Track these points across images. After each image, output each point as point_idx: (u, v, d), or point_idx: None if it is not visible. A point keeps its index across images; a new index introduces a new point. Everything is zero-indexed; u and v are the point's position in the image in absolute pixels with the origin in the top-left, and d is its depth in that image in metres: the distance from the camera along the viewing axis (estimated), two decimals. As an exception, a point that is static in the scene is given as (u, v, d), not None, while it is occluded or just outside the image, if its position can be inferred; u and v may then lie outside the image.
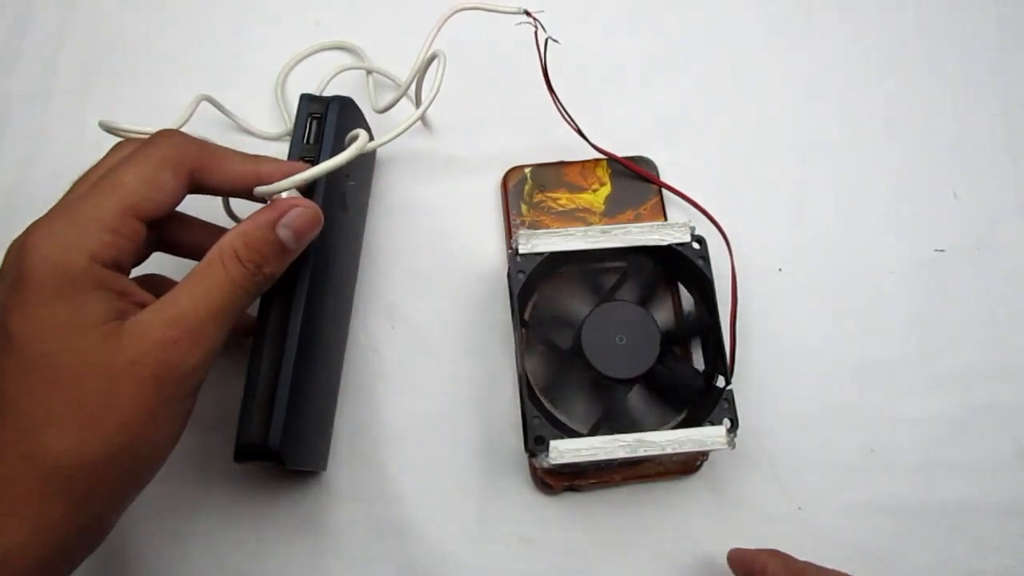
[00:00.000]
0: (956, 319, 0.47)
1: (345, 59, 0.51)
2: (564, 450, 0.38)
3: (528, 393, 0.40)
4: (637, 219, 0.47)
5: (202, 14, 0.52)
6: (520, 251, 0.42)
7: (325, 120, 0.40)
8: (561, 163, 0.48)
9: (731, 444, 0.39)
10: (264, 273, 0.34)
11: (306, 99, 0.40)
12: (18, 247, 0.31)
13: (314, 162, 0.39)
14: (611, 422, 0.41)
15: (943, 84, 0.52)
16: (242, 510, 0.42)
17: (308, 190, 0.37)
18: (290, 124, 0.48)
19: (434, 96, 0.40)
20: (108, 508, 0.32)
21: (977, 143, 0.50)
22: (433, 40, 0.40)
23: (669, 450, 0.38)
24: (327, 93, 0.42)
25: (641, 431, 0.39)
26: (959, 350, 0.46)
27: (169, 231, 0.37)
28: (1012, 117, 0.51)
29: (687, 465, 0.42)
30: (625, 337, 0.41)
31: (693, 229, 0.43)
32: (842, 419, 0.44)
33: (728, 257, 0.45)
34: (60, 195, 0.34)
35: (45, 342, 0.30)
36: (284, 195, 0.35)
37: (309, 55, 0.51)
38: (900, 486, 0.44)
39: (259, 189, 0.35)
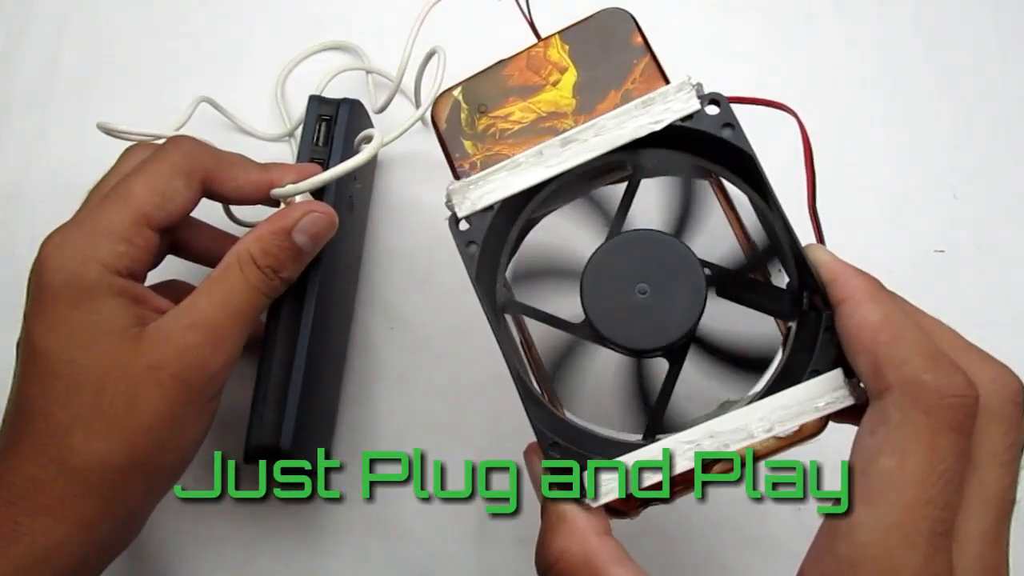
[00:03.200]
0: (956, 319, 0.47)
1: (345, 59, 0.51)
2: (610, 480, 0.27)
3: (528, 399, 0.29)
4: (626, 99, 0.33)
5: (201, 15, 0.52)
6: (460, 214, 0.31)
7: (335, 122, 0.40)
8: (497, 64, 0.35)
9: (856, 395, 0.28)
10: (281, 277, 0.34)
11: (315, 101, 0.40)
12: (36, 261, 0.32)
13: (324, 163, 0.39)
14: (657, 406, 0.30)
15: (942, 84, 0.51)
16: (242, 510, 0.42)
17: (318, 192, 0.37)
18: (290, 125, 0.48)
19: (436, 91, 0.40)
20: (137, 507, 0.33)
21: (977, 143, 0.50)
22: (419, 29, 0.40)
23: (760, 436, 0.27)
24: (327, 94, 0.42)
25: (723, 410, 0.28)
26: (959, 350, 0.46)
27: (180, 235, 0.38)
28: (1012, 117, 0.51)
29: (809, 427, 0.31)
30: (650, 285, 0.29)
31: (699, 87, 0.30)
32: (842, 419, 0.44)
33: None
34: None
35: (66, 349, 0.30)
36: (298, 199, 0.35)
37: (309, 56, 0.51)
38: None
39: (276, 191, 0.36)
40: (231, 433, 0.41)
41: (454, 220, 0.31)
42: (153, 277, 0.36)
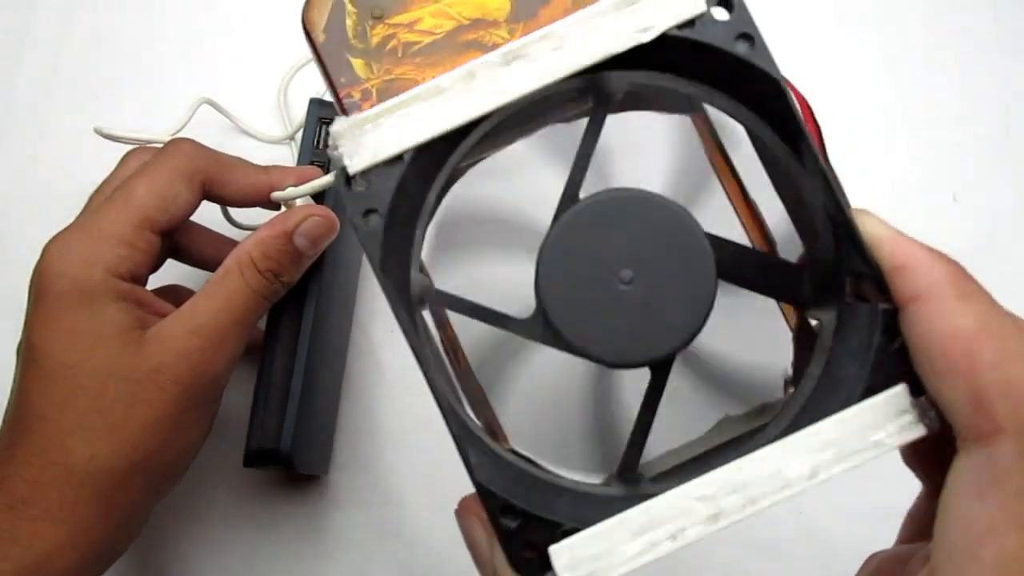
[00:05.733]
0: (956, 322, 0.47)
1: (345, 62, 0.51)
2: (582, 558, 0.20)
3: (464, 438, 0.22)
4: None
5: (202, 17, 0.52)
6: (352, 168, 0.22)
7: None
8: None
9: (928, 423, 0.21)
10: (281, 281, 0.35)
11: (316, 104, 0.40)
12: (38, 264, 0.32)
13: (325, 167, 0.39)
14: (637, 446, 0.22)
15: (942, 86, 0.52)
16: (242, 514, 0.42)
17: (319, 196, 0.37)
18: (291, 128, 0.48)
19: None
20: (137, 511, 0.33)
21: (976, 146, 0.50)
22: None
23: (800, 487, 0.21)
24: (329, 97, 0.42)
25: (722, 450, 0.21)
26: (959, 353, 0.46)
27: (180, 239, 0.38)
28: (1011, 119, 0.51)
29: None
30: (636, 271, 0.21)
31: None
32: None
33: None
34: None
35: (67, 353, 0.31)
36: (299, 202, 0.36)
37: (311, 58, 0.51)
38: (901, 490, 0.43)
39: (276, 194, 0.36)
40: (231, 436, 0.41)
41: (344, 178, 0.22)
42: (154, 281, 0.36)
